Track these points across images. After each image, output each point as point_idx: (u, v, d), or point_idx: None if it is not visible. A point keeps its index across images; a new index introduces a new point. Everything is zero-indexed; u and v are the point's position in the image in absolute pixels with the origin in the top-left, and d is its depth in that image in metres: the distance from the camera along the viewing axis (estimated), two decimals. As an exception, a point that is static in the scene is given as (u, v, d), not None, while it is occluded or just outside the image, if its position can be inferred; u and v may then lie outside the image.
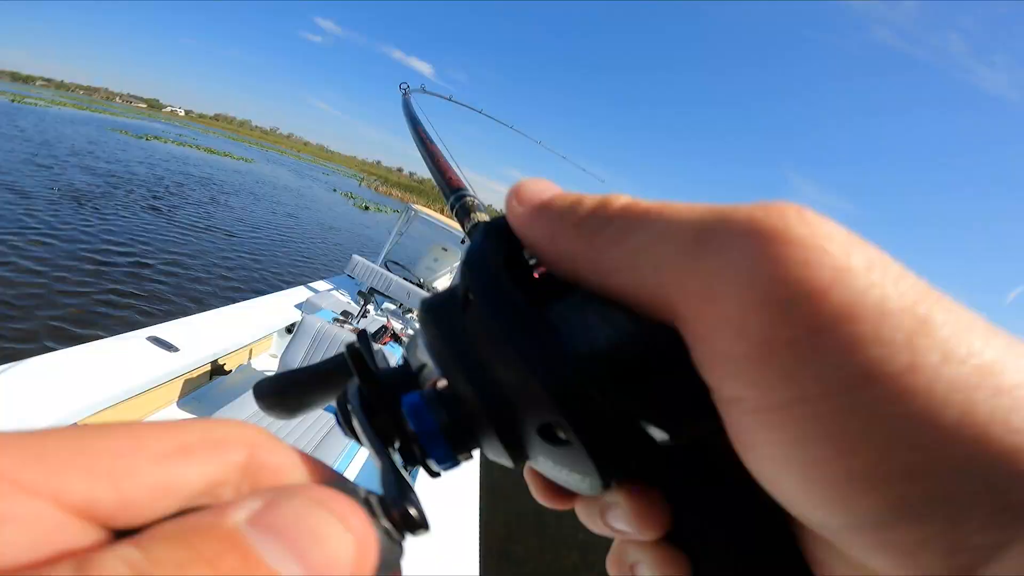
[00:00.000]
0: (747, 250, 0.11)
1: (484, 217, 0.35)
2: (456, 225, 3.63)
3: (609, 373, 0.13)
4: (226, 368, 2.79)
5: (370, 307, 4.11)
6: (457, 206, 0.39)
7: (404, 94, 0.90)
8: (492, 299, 0.14)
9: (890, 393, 0.10)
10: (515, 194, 0.15)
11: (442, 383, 0.15)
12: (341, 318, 2.73)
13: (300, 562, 0.10)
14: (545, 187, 0.15)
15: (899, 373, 0.10)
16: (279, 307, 3.32)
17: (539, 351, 0.13)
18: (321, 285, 4.18)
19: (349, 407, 0.16)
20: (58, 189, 7.33)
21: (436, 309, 0.15)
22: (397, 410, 0.15)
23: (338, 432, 2.02)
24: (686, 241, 0.12)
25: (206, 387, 2.66)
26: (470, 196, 0.38)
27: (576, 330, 0.13)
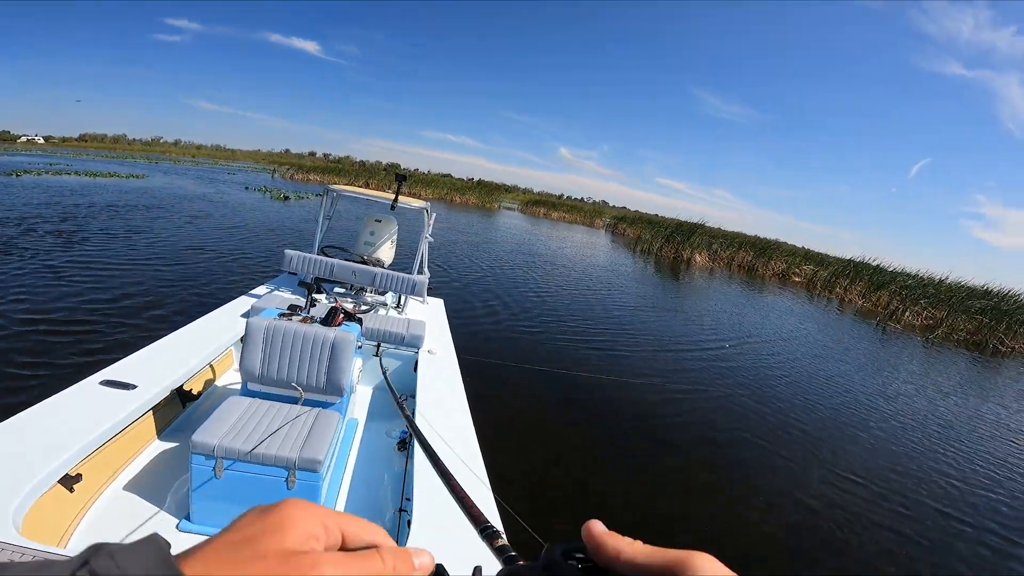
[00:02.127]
0: None
1: (504, 541, 0.47)
2: (381, 193, 3.62)
3: None
4: (194, 392, 2.74)
5: (320, 296, 4.09)
6: (484, 536, 0.51)
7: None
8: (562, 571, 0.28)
9: None
10: (587, 528, 0.30)
11: None
12: (288, 312, 2.60)
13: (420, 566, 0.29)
14: (597, 527, 0.30)
15: None
16: (227, 321, 3.24)
17: None
18: (262, 289, 4.12)
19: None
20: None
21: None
22: None
23: (323, 425, 2.12)
24: (648, 572, 0.26)
25: (183, 416, 2.64)
26: (495, 528, 0.52)
27: None
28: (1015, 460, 5.73)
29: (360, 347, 2.60)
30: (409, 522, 1.77)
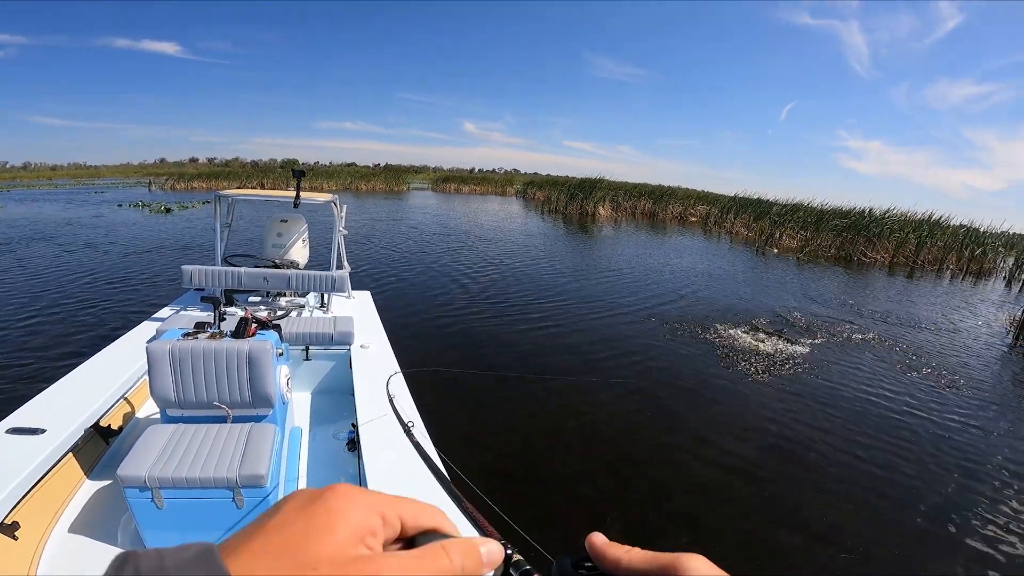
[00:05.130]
0: None
1: (519, 556, 0.46)
2: (282, 192, 3.70)
3: None
4: (114, 428, 2.62)
5: (233, 307, 3.93)
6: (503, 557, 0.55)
7: None
8: None
9: None
10: (589, 540, 0.32)
11: None
12: (194, 331, 2.42)
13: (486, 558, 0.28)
14: (598, 538, 0.32)
15: None
16: (134, 350, 3.05)
17: None
18: (167, 311, 3.96)
19: None
20: None
21: None
22: None
23: (258, 439, 2.08)
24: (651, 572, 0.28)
25: (109, 452, 2.54)
26: (506, 543, 0.51)
27: None
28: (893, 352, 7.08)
29: (281, 354, 2.50)
30: None
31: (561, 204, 26.41)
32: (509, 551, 0.44)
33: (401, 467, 2.09)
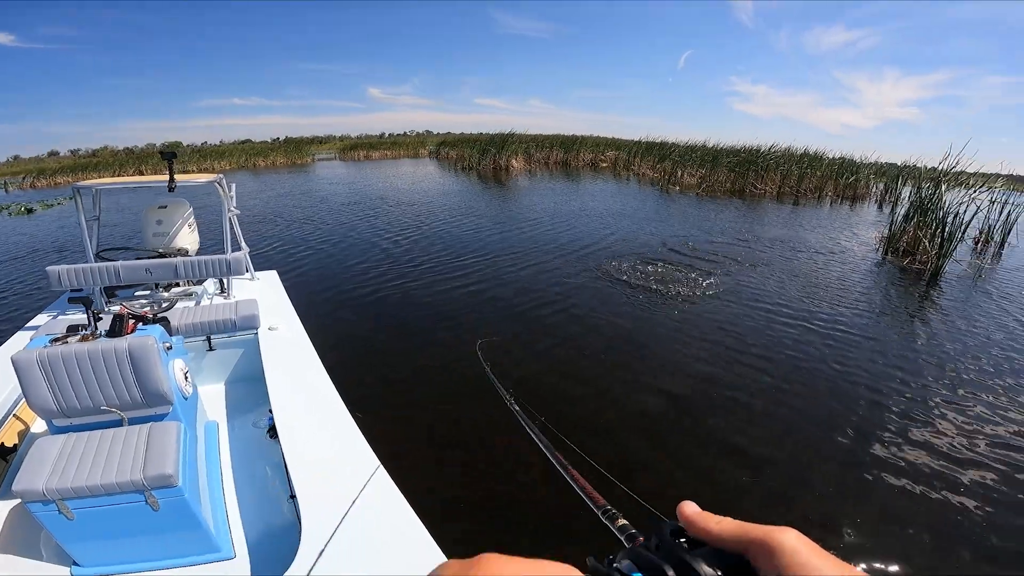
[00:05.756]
0: (770, 556, 0.27)
1: (624, 521, 0.48)
2: (153, 178, 3.43)
3: None
4: (7, 445, 2.52)
5: (112, 306, 3.76)
6: (605, 517, 0.52)
7: None
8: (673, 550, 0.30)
9: None
10: (680, 509, 0.34)
11: None
12: (63, 335, 2.22)
13: None
14: (689, 508, 0.34)
15: None
16: (9, 364, 2.90)
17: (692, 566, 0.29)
18: (42, 318, 3.64)
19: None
20: None
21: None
22: None
23: (161, 438, 1.98)
24: (737, 545, 0.30)
25: (11, 470, 2.45)
26: (614, 510, 0.52)
27: (706, 556, 0.30)
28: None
29: (170, 348, 2.38)
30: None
31: (475, 161, 26.25)
32: (614, 513, 0.49)
33: (320, 449, 2.08)
